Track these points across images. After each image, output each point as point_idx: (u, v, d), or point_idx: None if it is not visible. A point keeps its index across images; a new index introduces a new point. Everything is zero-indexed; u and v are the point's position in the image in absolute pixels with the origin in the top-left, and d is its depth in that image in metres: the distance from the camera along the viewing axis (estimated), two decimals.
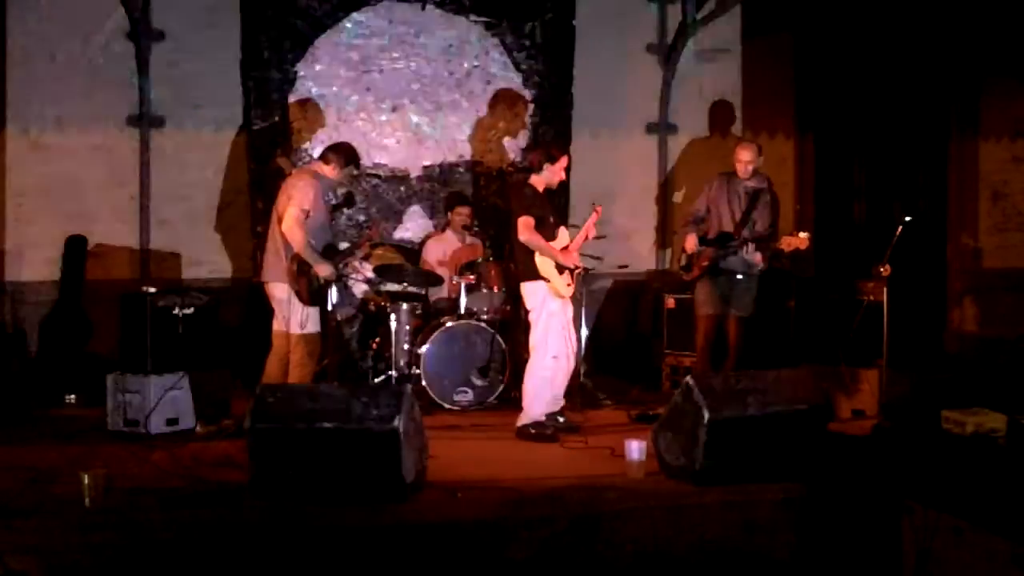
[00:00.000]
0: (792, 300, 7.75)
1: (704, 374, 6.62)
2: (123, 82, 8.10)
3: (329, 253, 6.25)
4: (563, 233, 6.30)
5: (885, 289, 6.46)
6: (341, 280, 6.35)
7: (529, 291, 6.19)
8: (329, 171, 6.29)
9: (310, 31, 8.29)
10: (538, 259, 6.09)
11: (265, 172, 8.18)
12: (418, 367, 6.92)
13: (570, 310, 6.26)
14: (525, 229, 6.05)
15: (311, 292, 6.07)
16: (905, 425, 5.51)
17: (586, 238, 6.38)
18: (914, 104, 8.87)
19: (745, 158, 6.77)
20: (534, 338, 6.16)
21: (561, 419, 6.26)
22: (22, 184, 7.98)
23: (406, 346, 7.09)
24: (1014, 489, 4.17)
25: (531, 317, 6.21)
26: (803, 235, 6.43)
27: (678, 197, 9.04)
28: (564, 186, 6.48)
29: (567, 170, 6.44)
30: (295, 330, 6.10)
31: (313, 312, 6.16)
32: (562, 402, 6.30)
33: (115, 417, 6.11)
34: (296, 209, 6.03)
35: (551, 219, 6.25)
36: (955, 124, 8.86)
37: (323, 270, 6.08)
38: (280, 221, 6.11)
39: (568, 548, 4.52)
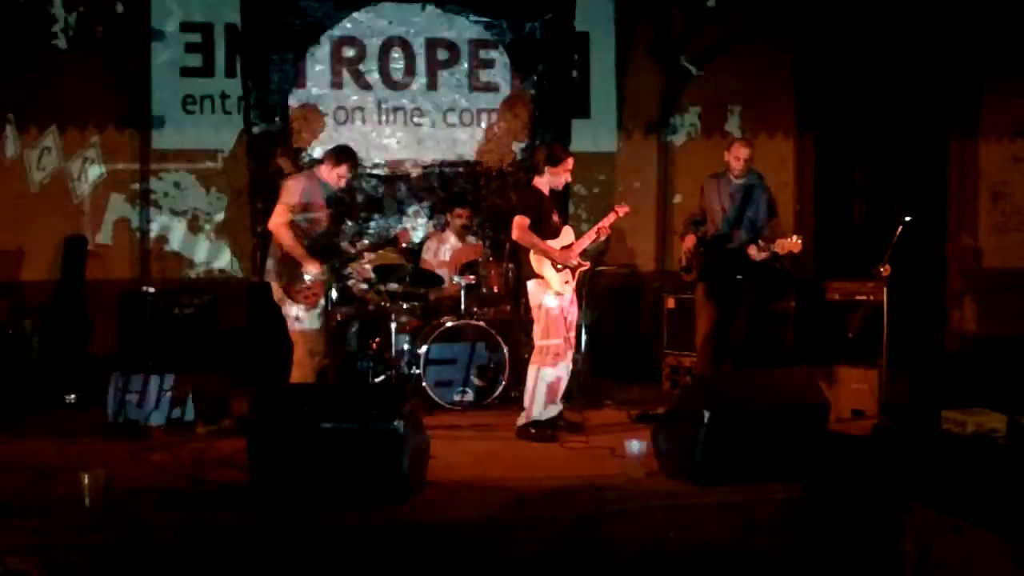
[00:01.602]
0: (792, 300, 7.76)
1: (704, 374, 6.64)
2: (123, 82, 8.11)
3: (328, 252, 6.21)
4: (567, 232, 6.30)
5: (885, 289, 6.46)
6: (336, 278, 6.27)
7: (531, 289, 6.20)
8: (324, 171, 6.26)
9: (310, 31, 8.30)
10: (533, 257, 6.09)
11: (265, 172, 8.18)
12: (418, 367, 6.92)
13: (573, 311, 6.26)
14: (517, 228, 6.05)
15: (301, 290, 6.05)
16: (905, 425, 5.51)
17: (597, 236, 6.36)
18: (914, 104, 8.88)
19: (742, 155, 6.74)
20: (535, 336, 6.17)
21: (561, 423, 6.26)
22: (22, 184, 7.99)
23: (406, 346, 7.08)
24: (1014, 489, 4.16)
25: (533, 315, 6.22)
26: (796, 239, 6.43)
27: (678, 198, 9.04)
28: (565, 186, 6.47)
29: (570, 170, 6.42)
30: (293, 327, 6.09)
31: (303, 312, 6.13)
32: (560, 406, 6.29)
33: (115, 417, 6.10)
34: (280, 205, 6.04)
35: (554, 219, 6.25)
36: (955, 124, 8.88)
37: (311, 267, 6.06)
38: None
39: (568, 548, 4.52)
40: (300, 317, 6.09)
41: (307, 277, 6.02)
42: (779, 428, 4.91)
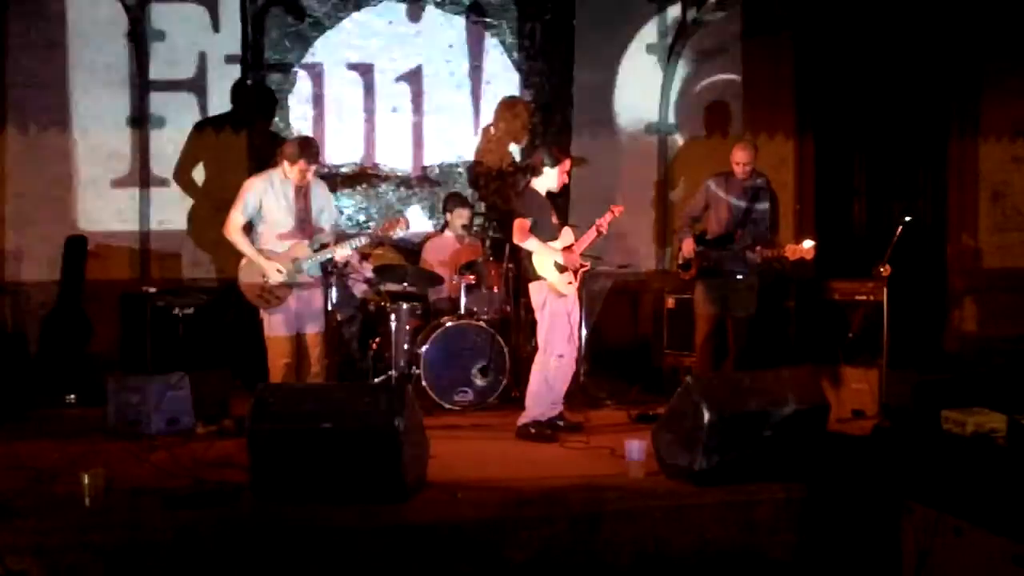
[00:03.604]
0: (792, 300, 7.76)
1: (704, 374, 6.64)
2: (123, 82, 8.11)
3: (297, 249, 6.11)
4: (567, 232, 6.30)
5: (885, 289, 6.46)
6: (291, 278, 6.06)
7: (533, 291, 6.19)
8: (285, 168, 6.15)
9: (310, 31, 8.31)
10: (536, 259, 6.09)
11: None
12: (418, 367, 6.92)
13: (576, 312, 6.26)
14: (518, 231, 6.05)
15: (261, 293, 6.03)
16: (905, 425, 5.51)
17: (598, 235, 6.37)
18: (914, 104, 8.89)
19: (743, 160, 6.75)
20: (540, 337, 6.17)
21: (561, 423, 6.26)
22: (22, 184, 7.99)
23: (406, 346, 7.08)
24: (1014, 489, 4.16)
25: (536, 316, 6.22)
26: (808, 245, 6.41)
27: (675, 196, 9.03)
28: (565, 187, 6.47)
29: (568, 172, 6.43)
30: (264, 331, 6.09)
31: (268, 316, 6.07)
32: (560, 406, 6.29)
33: (115, 417, 6.10)
34: (231, 211, 6.07)
35: (554, 220, 6.24)
36: (955, 124, 8.88)
37: (267, 269, 6.01)
38: None
39: (568, 548, 4.52)
40: (264, 321, 6.07)
41: (270, 280, 6.00)
42: (779, 428, 4.90)
